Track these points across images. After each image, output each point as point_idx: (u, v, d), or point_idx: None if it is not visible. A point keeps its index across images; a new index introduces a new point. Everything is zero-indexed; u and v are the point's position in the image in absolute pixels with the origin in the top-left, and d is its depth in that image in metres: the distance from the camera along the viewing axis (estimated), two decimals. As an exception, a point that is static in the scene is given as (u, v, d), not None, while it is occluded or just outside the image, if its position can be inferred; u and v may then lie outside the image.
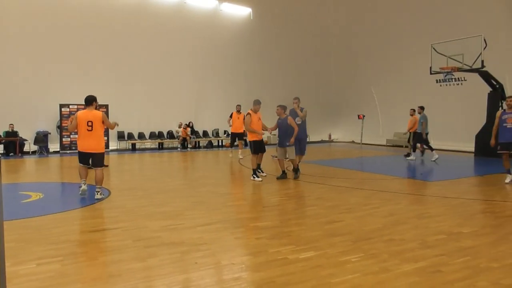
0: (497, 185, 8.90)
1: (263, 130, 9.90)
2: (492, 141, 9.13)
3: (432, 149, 13.32)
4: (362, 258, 4.14)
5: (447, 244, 4.62)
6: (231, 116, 15.30)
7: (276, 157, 9.97)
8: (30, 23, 15.91)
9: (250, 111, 9.70)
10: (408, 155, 14.20)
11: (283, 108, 9.47)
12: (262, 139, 9.95)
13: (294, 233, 5.11)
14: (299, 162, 9.94)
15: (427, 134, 13.32)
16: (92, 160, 7.29)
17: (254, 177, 9.36)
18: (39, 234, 5.04)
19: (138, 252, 4.37)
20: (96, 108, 7.46)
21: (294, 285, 3.49)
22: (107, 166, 7.37)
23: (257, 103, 9.80)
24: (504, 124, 8.82)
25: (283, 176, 9.49)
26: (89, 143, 7.16)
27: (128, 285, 3.51)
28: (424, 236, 4.95)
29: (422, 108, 13.57)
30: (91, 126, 7.10)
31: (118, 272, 3.79)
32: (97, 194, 7.20)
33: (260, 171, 9.95)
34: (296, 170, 9.59)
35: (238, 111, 14.86)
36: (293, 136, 9.20)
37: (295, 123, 9.35)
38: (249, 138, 9.77)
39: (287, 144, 9.27)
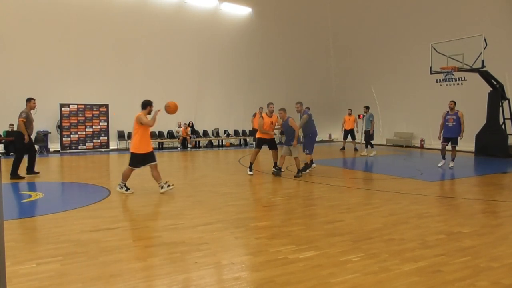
0: (497, 185, 8.91)
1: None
2: (439, 136, 11.44)
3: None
4: (362, 258, 4.14)
5: (447, 244, 4.62)
6: (254, 116, 17.22)
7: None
8: (29, 23, 15.88)
9: (264, 114, 10.38)
10: (343, 148, 17.48)
11: (285, 111, 9.95)
12: (273, 139, 10.52)
13: (294, 232, 5.11)
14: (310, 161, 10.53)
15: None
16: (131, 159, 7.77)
17: (248, 171, 10.28)
18: (39, 233, 5.05)
19: (138, 251, 4.37)
20: (149, 113, 7.88)
21: (294, 285, 3.49)
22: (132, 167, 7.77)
23: (269, 104, 10.38)
24: (447, 123, 11.11)
25: (278, 173, 9.97)
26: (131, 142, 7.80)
27: (128, 284, 3.51)
28: (424, 236, 4.95)
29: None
30: (133, 127, 7.67)
31: (118, 272, 3.79)
32: (160, 189, 7.73)
33: (277, 168, 10.30)
34: (298, 170, 9.86)
35: (261, 112, 17.27)
36: (295, 137, 9.65)
37: (295, 124, 9.79)
38: (257, 135, 10.60)
39: (290, 144, 9.73)
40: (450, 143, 11.19)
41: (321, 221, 5.78)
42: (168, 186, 7.80)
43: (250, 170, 10.27)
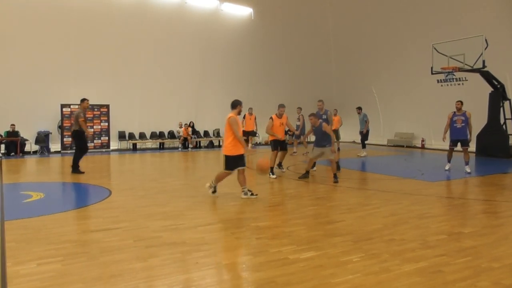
0: (498, 185, 8.90)
1: (290, 132, 10.30)
2: (443, 138, 10.88)
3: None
4: (363, 258, 4.14)
5: (448, 244, 4.62)
6: (244, 117, 17.13)
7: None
8: (30, 24, 15.89)
9: (273, 116, 10.13)
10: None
11: (316, 116, 9.44)
12: (284, 140, 10.42)
13: (295, 233, 5.11)
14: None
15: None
16: (231, 163, 7.36)
17: (270, 174, 9.70)
18: (40, 234, 5.05)
19: (139, 252, 4.38)
20: (239, 113, 7.46)
21: (295, 285, 3.49)
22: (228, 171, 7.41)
23: (280, 106, 10.15)
24: (455, 125, 10.52)
25: (306, 175, 9.54)
26: (223, 144, 7.47)
27: (129, 285, 3.52)
28: (425, 236, 4.94)
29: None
30: (225, 129, 7.31)
31: (119, 272, 3.79)
32: (242, 193, 7.39)
33: (281, 167, 10.64)
34: (335, 175, 9.26)
35: (250, 113, 16.79)
36: (332, 142, 9.17)
37: (330, 129, 9.33)
38: (270, 138, 10.32)
39: (324, 145, 9.24)
40: (460, 145, 10.51)
41: (322, 221, 5.78)
42: (252, 194, 7.38)
43: (273, 174, 9.84)
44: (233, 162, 7.28)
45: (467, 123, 10.43)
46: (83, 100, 10.89)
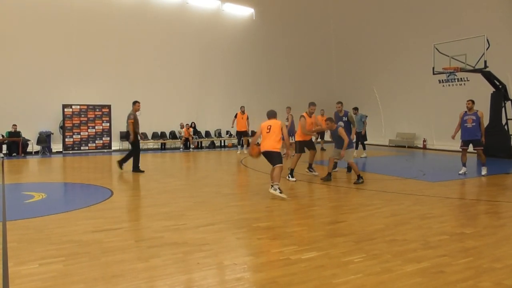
0: (500, 186, 8.89)
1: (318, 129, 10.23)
2: (453, 136, 10.43)
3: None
4: (365, 259, 4.14)
5: (449, 245, 4.61)
6: (235, 117, 16.51)
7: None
8: (32, 24, 15.93)
9: (304, 114, 9.70)
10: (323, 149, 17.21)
11: (332, 121, 9.43)
12: (311, 139, 10.19)
13: (296, 233, 5.11)
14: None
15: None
16: (271, 158, 7.57)
17: (289, 177, 9.34)
18: (41, 234, 5.06)
19: (140, 252, 4.38)
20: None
21: (296, 286, 3.49)
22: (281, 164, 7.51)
23: (311, 104, 9.80)
24: (465, 124, 10.06)
25: (328, 178, 9.32)
26: (265, 143, 7.62)
27: (130, 285, 3.52)
28: (426, 236, 4.94)
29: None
30: (269, 129, 7.58)
31: (120, 272, 3.79)
32: (271, 188, 7.38)
33: (312, 169, 10.11)
34: (358, 176, 9.00)
35: (243, 112, 16.16)
36: (343, 147, 9.07)
37: (345, 133, 9.25)
38: (297, 138, 9.99)
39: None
40: (472, 146, 10.08)
41: (323, 221, 5.78)
42: (280, 192, 7.32)
43: (292, 176, 9.37)
44: (281, 156, 7.57)
45: (478, 122, 9.98)
46: (134, 103, 11.02)
